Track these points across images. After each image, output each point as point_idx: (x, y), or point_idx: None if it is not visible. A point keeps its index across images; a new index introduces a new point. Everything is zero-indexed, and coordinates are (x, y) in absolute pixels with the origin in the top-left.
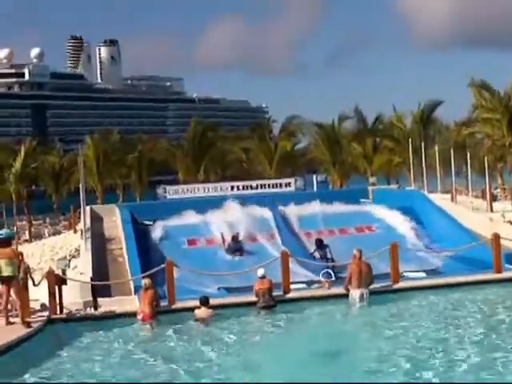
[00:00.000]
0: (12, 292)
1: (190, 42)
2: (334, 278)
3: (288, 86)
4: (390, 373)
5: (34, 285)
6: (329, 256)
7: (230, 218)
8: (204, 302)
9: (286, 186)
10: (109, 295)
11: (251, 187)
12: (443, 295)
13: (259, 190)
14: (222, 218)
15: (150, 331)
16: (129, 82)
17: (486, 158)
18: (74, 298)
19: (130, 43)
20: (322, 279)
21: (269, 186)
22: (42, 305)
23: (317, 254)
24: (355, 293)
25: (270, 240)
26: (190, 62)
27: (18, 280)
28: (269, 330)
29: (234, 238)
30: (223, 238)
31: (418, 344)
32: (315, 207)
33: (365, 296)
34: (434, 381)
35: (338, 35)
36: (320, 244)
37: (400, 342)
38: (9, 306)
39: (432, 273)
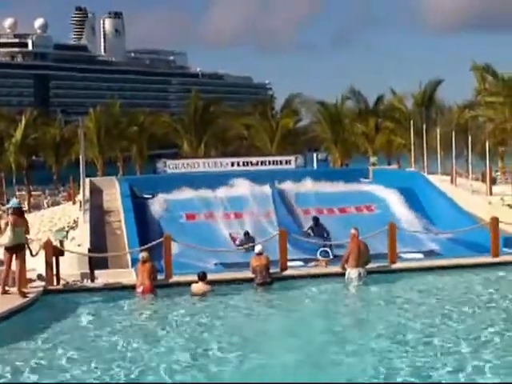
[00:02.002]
0: (16, 260)
1: (195, 16)
2: (331, 257)
3: (293, 64)
4: (379, 353)
5: (32, 255)
6: (325, 234)
7: (229, 194)
8: (202, 276)
9: (286, 163)
10: (106, 267)
11: (251, 163)
12: (439, 277)
13: (259, 167)
14: (221, 194)
15: (149, 304)
16: (132, 55)
17: (487, 141)
18: (71, 269)
19: (135, 17)
20: (320, 257)
21: (269, 162)
22: (39, 275)
23: (311, 233)
24: (353, 272)
25: (267, 217)
26: (194, 37)
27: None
28: (264, 306)
29: (246, 234)
30: (232, 236)
31: (408, 324)
32: (314, 185)
33: (362, 275)
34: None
35: (344, 14)
36: (316, 222)
37: (392, 321)
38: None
39: (429, 254)
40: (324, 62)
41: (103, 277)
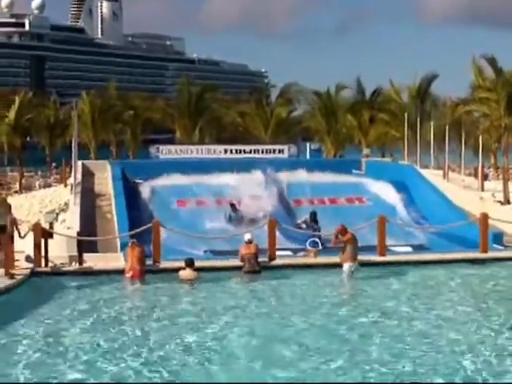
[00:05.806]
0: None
1: (194, 1)
2: (320, 247)
3: (291, 52)
4: (358, 344)
5: (20, 237)
6: (315, 227)
7: (221, 181)
8: (189, 263)
9: (279, 152)
10: (95, 251)
11: (244, 151)
12: (427, 271)
13: (252, 155)
14: (213, 181)
15: (136, 289)
16: (129, 39)
17: (480, 137)
18: (59, 251)
19: (133, 0)
20: (309, 247)
21: (262, 151)
22: (27, 257)
23: (303, 226)
24: (345, 265)
25: (258, 206)
26: (192, 22)
27: (8, 231)
28: (250, 295)
29: (233, 206)
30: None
31: (388, 318)
32: (306, 175)
33: (354, 268)
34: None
35: (345, 4)
36: (313, 216)
37: (373, 314)
38: None
39: (418, 248)
40: (324, 50)
41: (92, 260)
